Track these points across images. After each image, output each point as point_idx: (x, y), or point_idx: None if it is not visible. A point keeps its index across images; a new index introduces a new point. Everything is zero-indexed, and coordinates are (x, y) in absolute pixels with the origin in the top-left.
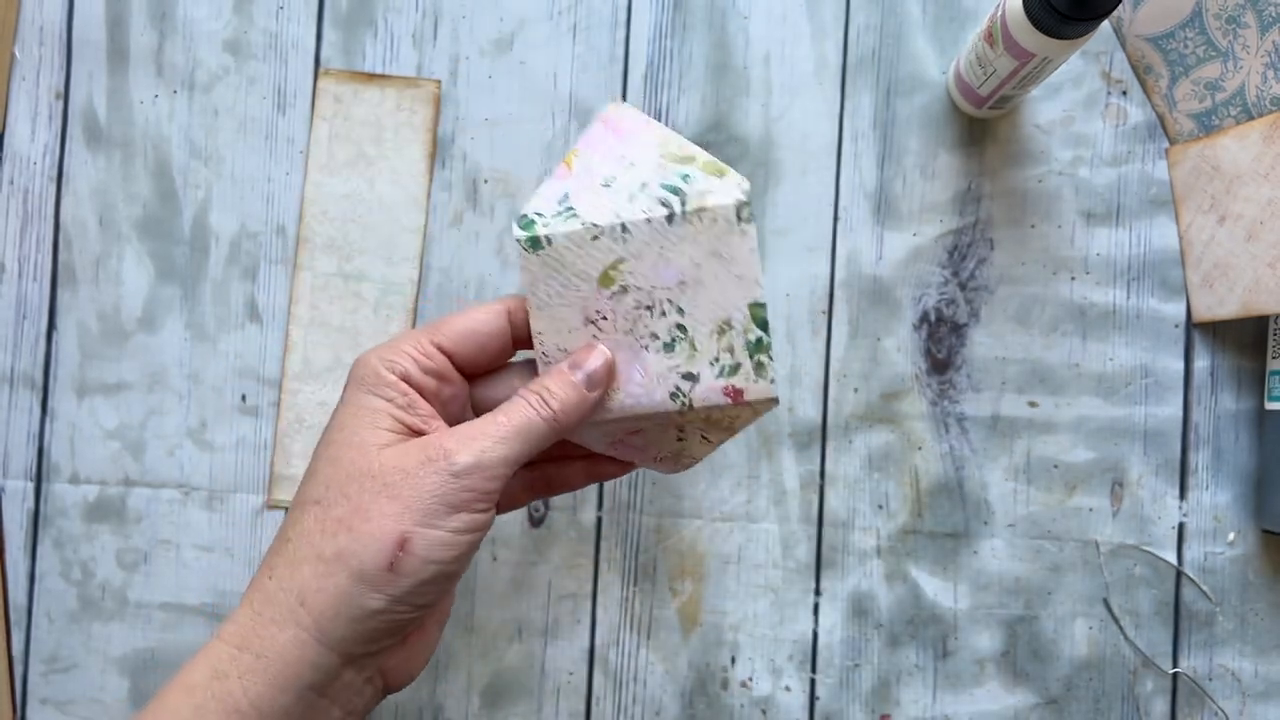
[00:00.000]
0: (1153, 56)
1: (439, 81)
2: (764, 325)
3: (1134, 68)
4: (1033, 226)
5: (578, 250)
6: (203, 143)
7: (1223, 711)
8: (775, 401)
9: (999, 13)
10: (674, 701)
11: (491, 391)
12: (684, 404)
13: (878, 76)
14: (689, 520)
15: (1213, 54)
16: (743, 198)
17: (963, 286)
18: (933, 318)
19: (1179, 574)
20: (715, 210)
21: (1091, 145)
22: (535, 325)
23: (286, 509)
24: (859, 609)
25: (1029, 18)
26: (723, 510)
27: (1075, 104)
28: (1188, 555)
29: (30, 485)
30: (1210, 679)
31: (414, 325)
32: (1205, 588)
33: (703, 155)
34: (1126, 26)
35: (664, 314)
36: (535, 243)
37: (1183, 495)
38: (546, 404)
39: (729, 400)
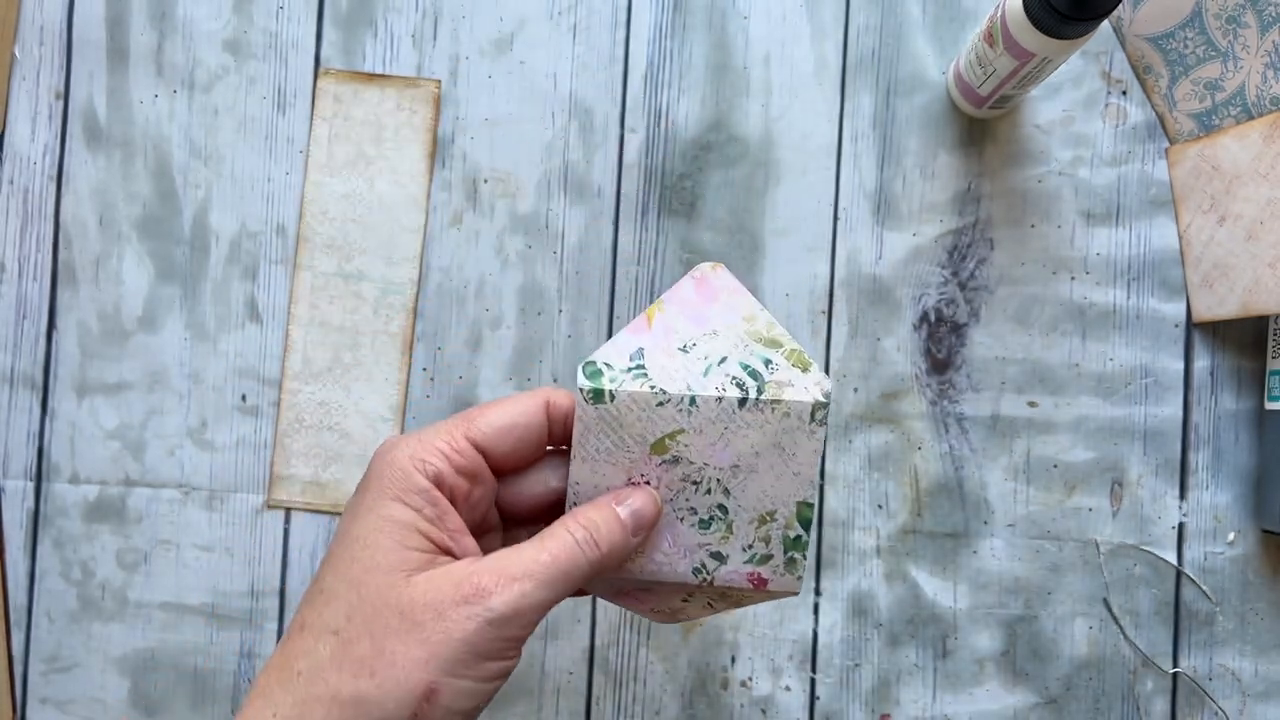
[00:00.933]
0: (1153, 56)
1: (439, 81)
2: (807, 525)
3: (1134, 68)
4: (1032, 226)
5: (639, 412)
6: (203, 142)
7: (1223, 711)
8: (796, 594)
9: (999, 12)
10: (674, 701)
11: (522, 488)
12: (704, 579)
13: (877, 77)
14: None
15: (1213, 54)
16: (822, 399)
17: (962, 286)
18: (932, 318)
19: (1179, 574)
20: (791, 405)
21: (1091, 145)
22: (574, 474)
23: (287, 630)
24: (859, 609)
25: (1029, 17)
26: None
27: (1075, 104)
28: (1188, 555)
29: (30, 485)
30: (1210, 679)
31: (414, 326)
32: (1205, 587)
33: (790, 342)
34: (1126, 26)
35: (709, 492)
36: (598, 395)
37: (1183, 495)
38: (595, 543)
39: (751, 586)
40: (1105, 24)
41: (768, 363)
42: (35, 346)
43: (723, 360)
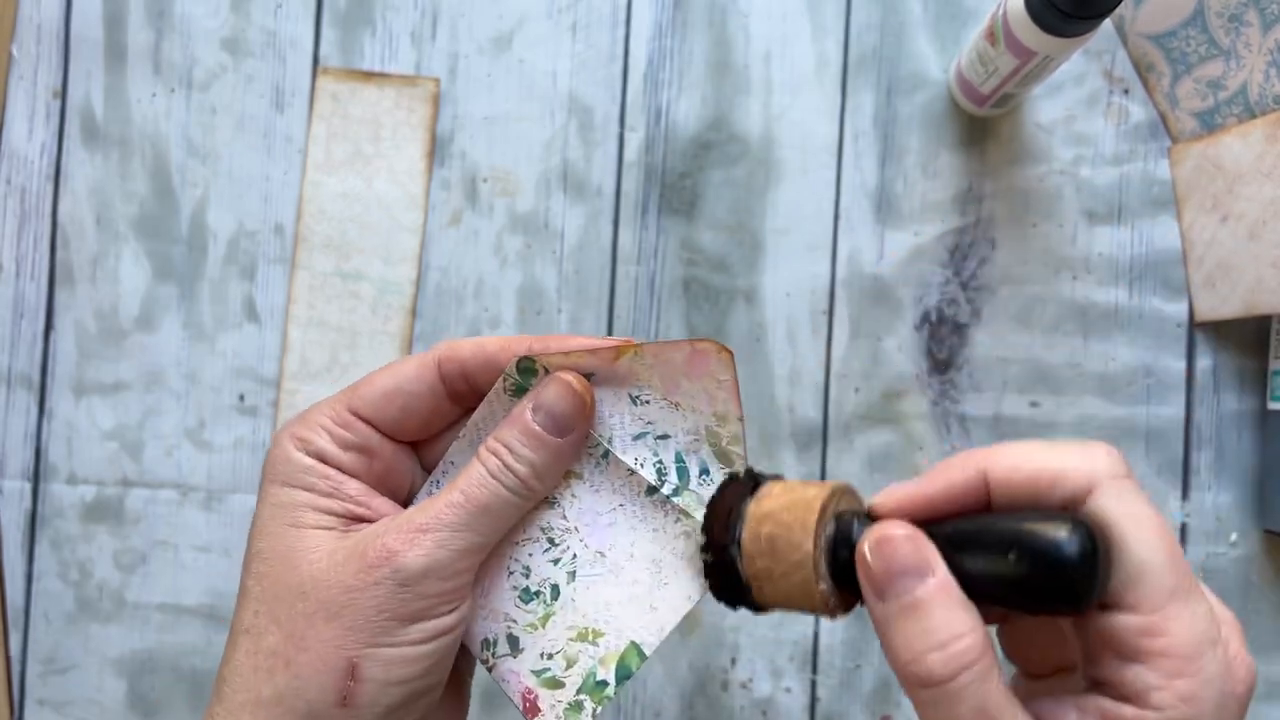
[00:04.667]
0: (1155, 55)
1: (438, 80)
2: (625, 677)
3: (1136, 66)
4: (1034, 226)
5: None
6: (200, 141)
7: None
8: None
9: (1001, 11)
10: (674, 702)
11: (438, 453)
12: (485, 659)
13: (879, 75)
14: None
15: (1215, 52)
16: (708, 557)
17: (964, 286)
18: (934, 317)
19: None
20: (693, 530)
21: (1093, 144)
22: (453, 451)
23: None
24: (859, 610)
25: (1031, 15)
26: None
27: (1077, 103)
28: (1190, 556)
29: (28, 485)
30: None
31: (412, 326)
32: (1207, 588)
33: (740, 467)
34: (1128, 25)
35: (555, 562)
36: (519, 391)
37: (1185, 496)
38: (510, 469)
39: (520, 704)
40: (1107, 22)
41: (704, 473)
42: (33, 346)
43: (663, 437)
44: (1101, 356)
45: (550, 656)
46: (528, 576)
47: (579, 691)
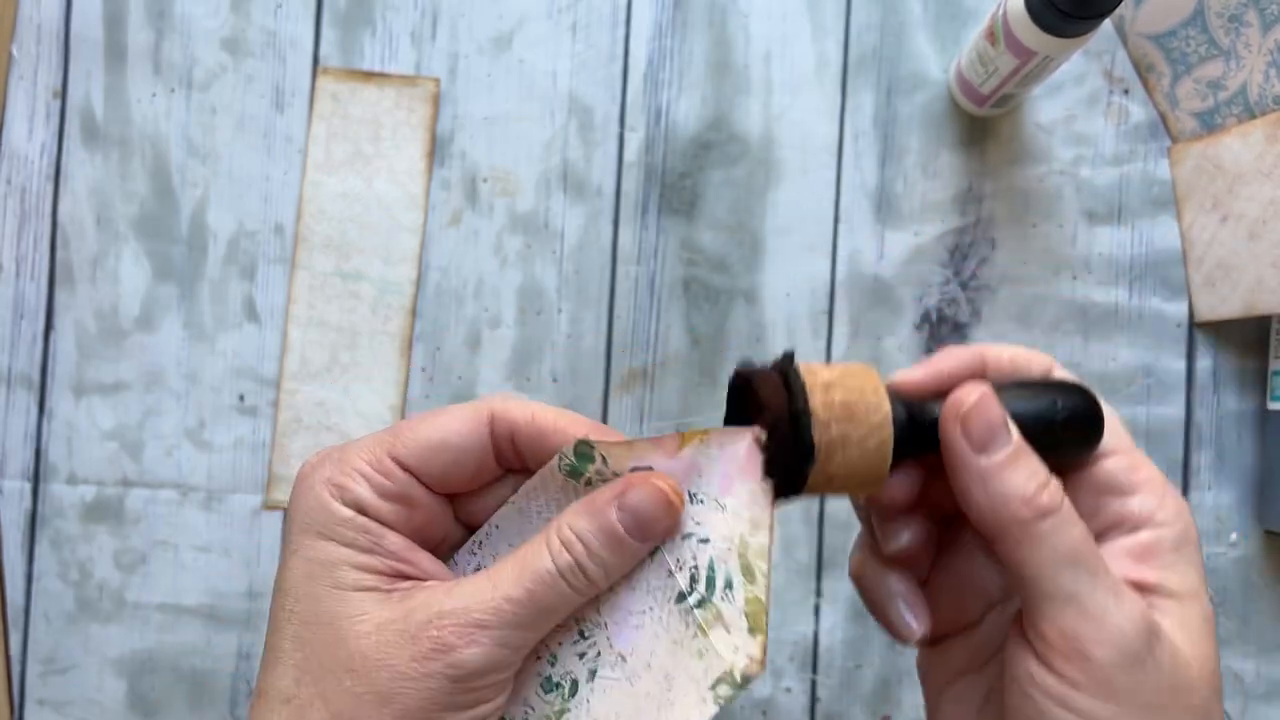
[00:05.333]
0: (1154, 55)
1: (438, 80)
2: None
3: (1136, 66)
4: (1034, 226)
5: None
6: (200, 141)
7: (1225, 712)
8: None
9: (1001, 11)
10: None
11: (479, 508)
12: None
13: (879, 75)
14: None
15: (1215, 53)
16: (737, 677)
17: (964, 286)
18: (934, 317)
19: None
20: (705, 649)
21: (1093, 144)
22: (501, 515)
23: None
24: (860, 610)
25: (1031, 15)
26: None
27: (1077, 103)
28: None
29: (27, 486)
30: None
31: (412, 326)
32: (1207, 588)
33: (761, 587)
34: (1128, 25)
35: (581, 656)
36: (573, 473)
37: (1185, 496)
38: (582, 569)
39: None
40: (1107, 23)
41: (729, 585)
42: (32, 346)
43: (705, 541)
44: (1101, 356)
45: None
46: (553, 665)
47: None
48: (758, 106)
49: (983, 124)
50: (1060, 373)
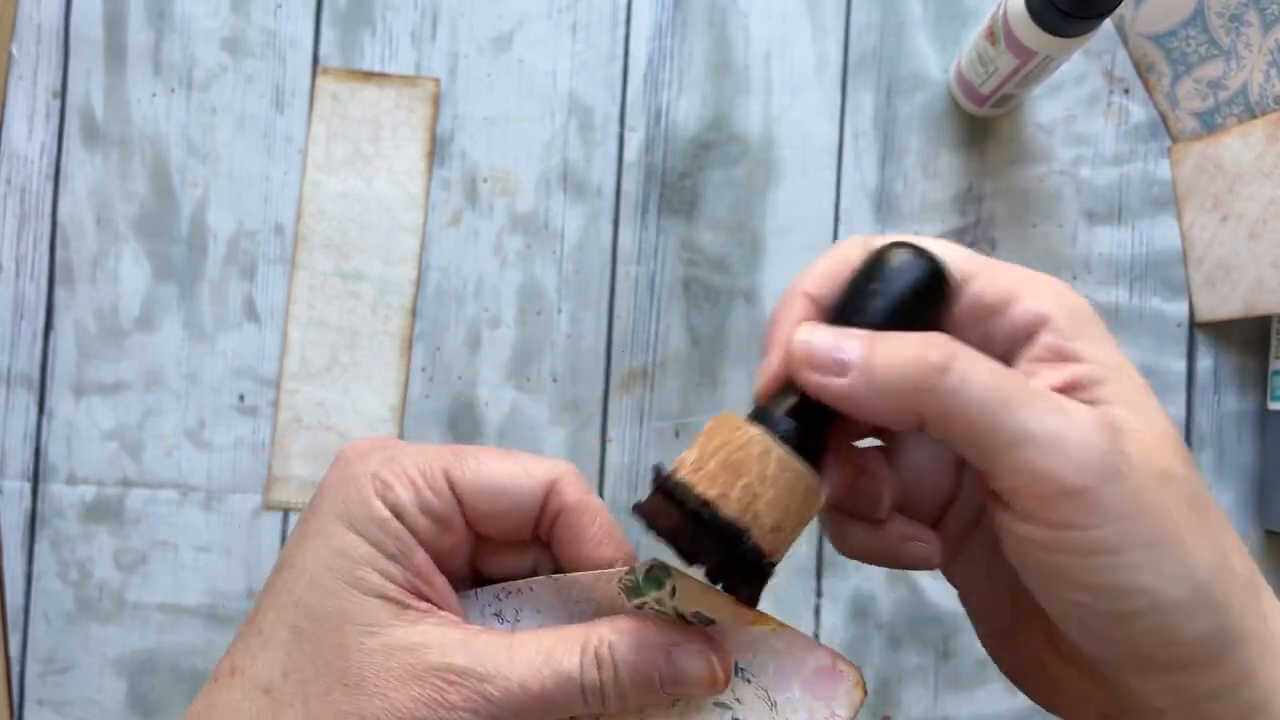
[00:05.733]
0: (1155, 55)
1: (438, 80)
2: None
3: (1136, 66)
4: (1034, 226)
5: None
6: (200, 141)
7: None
8: None
9: (1001, 10)
10: None
11: (503, 564)
12: None
13: (879, 75)
14: None
15: (1215, 52)
16: None
17: None
18: None
19: None
20: None
21: (1093, 144)
22: (541, 585)
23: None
24: (860, 610)
25: (1031, 15)
26: None
27: (1077, 103)
28: None
29: (27, 485)
30: None
31: (412, 326)
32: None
33: None
34: (1128, 25)
35: None
36: (631, 592)
37: None
38: (602, 692)
39: None
40: (1107, 22)
41: None
42: (32, 346)
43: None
44: None
45: None
46: None
47: None
48: (758, 106)
49: (983, 124)
50: (878, 241)
